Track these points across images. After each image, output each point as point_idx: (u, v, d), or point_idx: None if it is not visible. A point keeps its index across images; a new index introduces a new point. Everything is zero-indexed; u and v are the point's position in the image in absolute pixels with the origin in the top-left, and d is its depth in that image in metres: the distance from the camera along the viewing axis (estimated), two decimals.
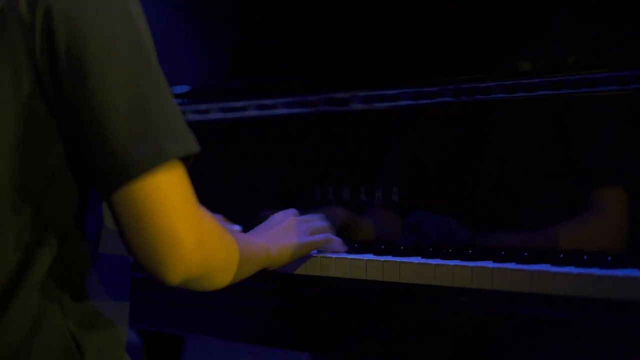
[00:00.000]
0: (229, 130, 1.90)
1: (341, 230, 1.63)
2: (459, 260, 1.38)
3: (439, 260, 1.40)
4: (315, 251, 1.54)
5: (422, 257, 1.43)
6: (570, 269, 1.24)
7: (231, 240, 1.20)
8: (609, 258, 1.26)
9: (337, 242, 1.52)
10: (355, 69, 1.77)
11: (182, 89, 2.00)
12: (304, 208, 1.63)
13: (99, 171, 1.08)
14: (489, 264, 1.32)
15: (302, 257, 1.52)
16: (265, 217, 1.51)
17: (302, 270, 1.52)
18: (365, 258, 1.46)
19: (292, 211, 1.52)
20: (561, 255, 1.31)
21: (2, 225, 1.10)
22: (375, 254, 1.50)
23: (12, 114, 1.09)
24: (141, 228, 1.07)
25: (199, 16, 2.09)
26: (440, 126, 1.63)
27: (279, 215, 1.49)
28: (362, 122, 1.72)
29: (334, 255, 1.50)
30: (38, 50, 1.08)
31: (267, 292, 1.58)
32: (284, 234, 1.44)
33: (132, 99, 1.07)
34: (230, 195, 1.88)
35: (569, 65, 1.50)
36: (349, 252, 1.53)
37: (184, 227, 1.08)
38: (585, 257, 1.28)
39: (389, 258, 1.45)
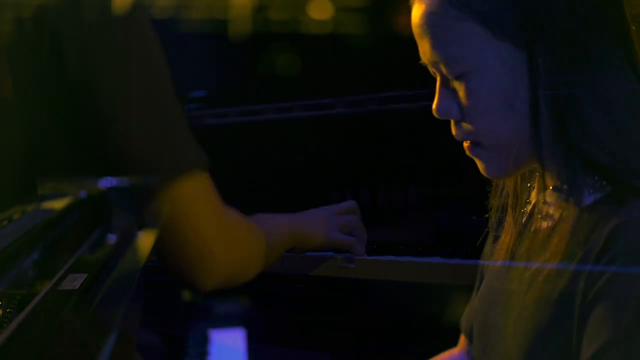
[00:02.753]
0: (247, 133, 1.90)
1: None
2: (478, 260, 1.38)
3: (459, 260, 1.40)
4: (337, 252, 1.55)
5: (442, 257, 1.44)
6: None
7: (258, 232, 1.21)
8: None
9: (360, 247, 1.53)
10: (370, 71, 1.77)
11: (201, 93, 2.01)
12: None
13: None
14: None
15: (322, 259, 1.52)
16: None
17: (322, 271, 1.53)
18: (385, 259, 1.46)
19: (352, 202, 1.54)
20: None
21: None
22: (394, 254, 1.51)
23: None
24: (173, 241, 1.09)
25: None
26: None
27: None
28: (378, 124, 1.72)
29: (353, 257, 1.51)
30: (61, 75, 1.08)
31: (286, 294, 1.59)
32: (312, 222, 1.45)
33: (149, 126, 1.07)
34: (249, 198, 1.88)
35: None
36: (368, 253, 1.53)
37: (214, 237, 1.10)
38: None
39: (409, 258, 1.45)
